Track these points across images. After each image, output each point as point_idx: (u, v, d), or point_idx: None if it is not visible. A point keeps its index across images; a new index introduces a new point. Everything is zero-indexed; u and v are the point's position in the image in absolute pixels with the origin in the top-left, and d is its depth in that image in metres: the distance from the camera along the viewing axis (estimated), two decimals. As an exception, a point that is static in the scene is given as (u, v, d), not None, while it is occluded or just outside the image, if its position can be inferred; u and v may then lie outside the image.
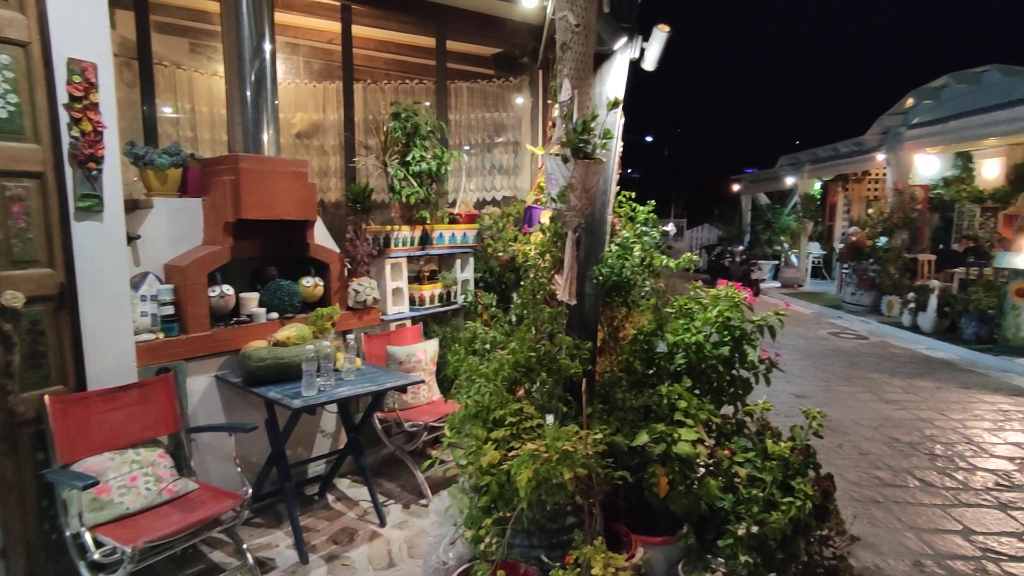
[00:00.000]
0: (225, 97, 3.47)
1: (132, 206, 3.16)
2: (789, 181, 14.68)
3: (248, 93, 3.38)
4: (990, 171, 11.25)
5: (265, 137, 3.49)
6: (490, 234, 5.00)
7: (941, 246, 11.24)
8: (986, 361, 7.10)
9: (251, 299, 3.46)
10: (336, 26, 4.95)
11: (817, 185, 14.91)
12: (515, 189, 5.94)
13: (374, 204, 4.89)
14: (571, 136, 2.20)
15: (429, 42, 5.43)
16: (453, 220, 4.81)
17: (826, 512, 2.47)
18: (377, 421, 3.74)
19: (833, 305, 11.03)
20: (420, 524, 3.28)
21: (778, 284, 14.33)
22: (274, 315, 3.51)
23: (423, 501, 3.53)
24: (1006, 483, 3.97)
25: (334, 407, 3.63)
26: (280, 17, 4.75)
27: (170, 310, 3.06)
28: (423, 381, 3.68)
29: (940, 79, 9.10)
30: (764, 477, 2.32)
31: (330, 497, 3.63)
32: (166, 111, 4.78)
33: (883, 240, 10.01)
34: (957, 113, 9.00)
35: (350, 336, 3.82)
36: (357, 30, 5.11)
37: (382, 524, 3.27)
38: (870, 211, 11.58)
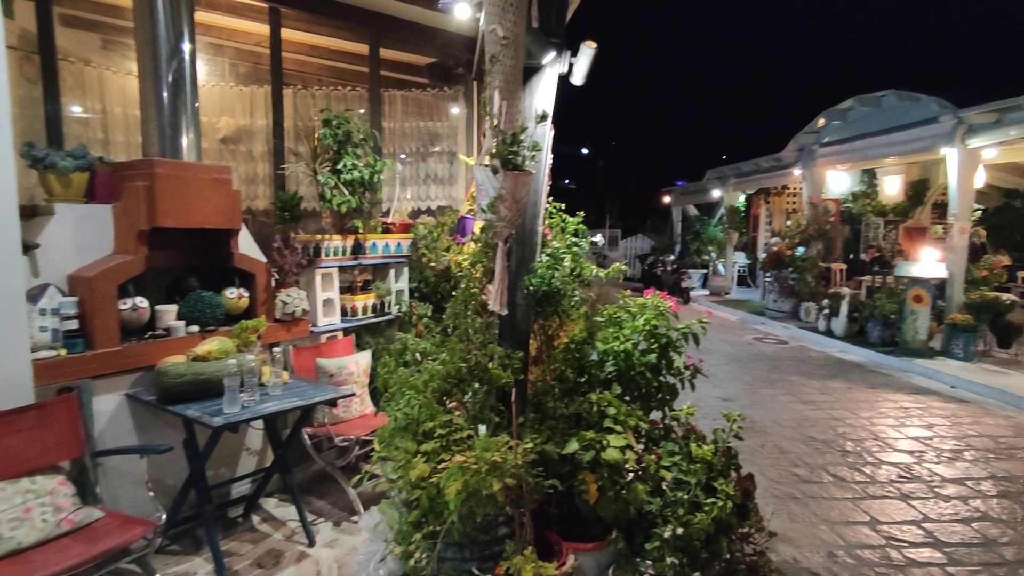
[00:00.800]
0: (139, 98, 3.28)
1: (30, 212, 2.93)
2: (716, 193, 15.41)
3: (165, 95, 3.21)
4: (891, 187, 12.27)
5: (184, 141, 3.32)
6: (425, 244, 4.96)
7: (851, 256, 12.11)
8: (889, 362, 7.68)
9: (168, 312, 3.27)
10: (264, 28, 4.80)
11: (741, 198, 15.74)
12: (450, 199, 5.93)
13: (305, 213, 4.75)
14: (500, 148, 2.22)
15: (362, 49, 5.36)
16: (387, 229, 4.73)
17: (747, 510, 2.58)
18: (306, 437, 3.60)
19: (757, 312, 11.62)
20: (351, 542, 3.18)
21: (707, 292, 14.97)
22: (194, 328, 3.33)
23: (355, 518, 3.42)
24: (907, 475, 4.29)
25: (260, 423, 3.47)
26: (202, 16, 4.56)
27: (74, 324, 2.83)
28: (354, 394, 3.59)
29: (847, 101, 9.84)
30: (689, 480, 2.40)
31: (255, 518, 3.46)
32: (75, 111, 4.46)
33: (801, 250, 10.67)
34: (861, 134, 9.75)
35: (277, 349, 3.67)
36: (287, 34, 4.97)
37: (311, 544, 3.15)
38: (788, 223, 12.32)
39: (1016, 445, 4.90)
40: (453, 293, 2.67)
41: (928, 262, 7.70)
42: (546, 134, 2.65)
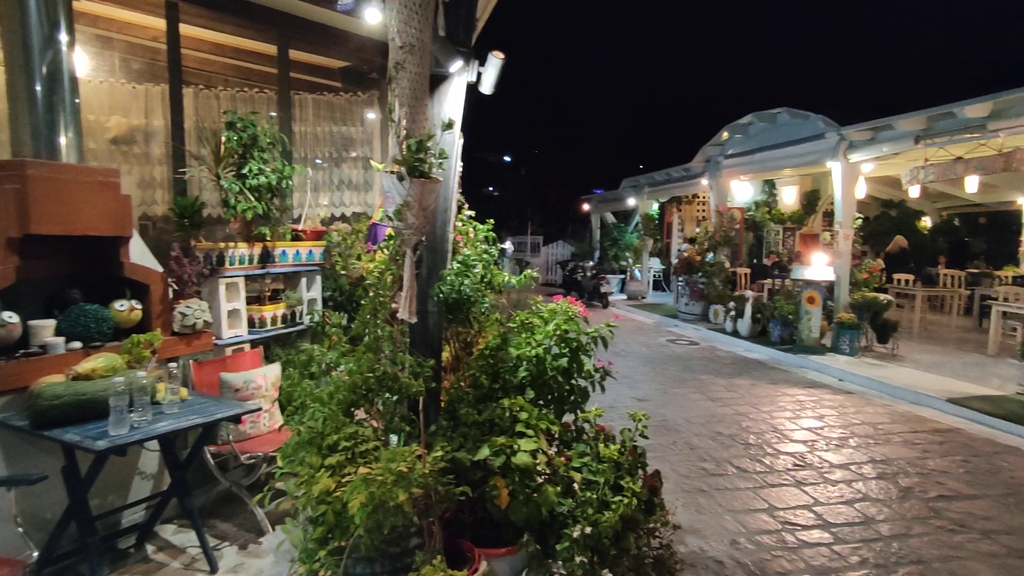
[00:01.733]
0: (7, 92, 2.98)
1: None
2: (631, 202, 16.04)
3: (38, 89, 2.94)
4: (788, 197, 13.26)
5: (63, 140, 3.05)
6: (339, 251, 4.83)
7: (755, 260, 12.98)
8: (788, 359, 8.28)
9: (45, 327, 2.98)
10: (160, 23, 4.51)
11: (655, 206, 16.46)
12: (365, 205, 5.81)
13: (208, 220, 4.49)
14: (406, 155, 2.21)
15: (270, 50, 5.16)
16: (297, 237, 4.56)
17: (653, 506, 2.69)
18: (209, 456, 3.39)
19: (670, 315, 12.17)
20: (258, 565, 3.02)
21: (625, 296, 15.51)
22: (77, 344, 3.05)
23: (261, 540, 3.26)
24: (801, 463, 4.63)
25: (155, 445, 3.23)
26: (85, 5, 4.23)
27: (-73, 344, 2.53)
28: (261, 408, 3.42)
29: (747, 117, 10.55)
30: (598, 479, 2.47)
31: (150, 548, 3.21)
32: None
33: (709, 256, 11.29)
34: (760, 147, 10.49)
35: (174, 364, 3.44)
36: (187, 30, 4.70)
37: (213, 571, 2.96)
38: (698, 230, 13.03)
39: (892, 431, 5.42)
40: (362, 302, 2.62)
41: (819, 266, 8.38)
42: (455, 142, 2.67)
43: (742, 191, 13.55)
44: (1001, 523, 3.67)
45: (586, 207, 19.09)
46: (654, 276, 16.94)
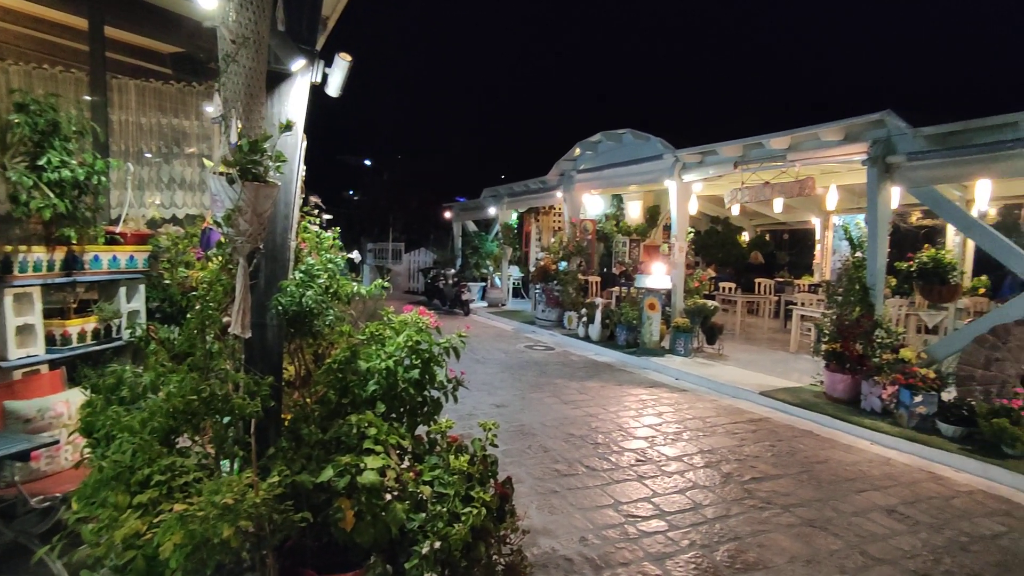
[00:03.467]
0: None
1: None
2: (492, 211, 16.39)
3: None
4: (634, 211, 14.43)
5: None
6: (168, 257, 4.32)
7: (605, 269, 13.89)
8: (633, 361, 8.96)
9: None
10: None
11: (514, 215, 16.98)
12: (202, 207, 5.27)
13: (-7, 217, 3.77)
14: (238, 156, 2.03)
15: (80, 23, 4.49)
16: (114, 240, 4.01)
17: (504, 514, 2.73)
18: (-13, 503, 2.83)
19: (528, 321, 12.60)
20: (53, 627, 2.57)
21: (486, 304, 15.77)
22: None
23: (60, 595, 2.78)
24: (642, 458, 5.01)
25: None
26: None
27: None
28: (58, 442, 2.93)
29: (596, 135, 11.30)
30: (448, 492, 2.45)
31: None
32: None
33: (563, 264, 11.88)
34: (608, 164, 11.29)
35: (-62, 394, 2.83)
36: (-38, -10, 3.93)
37: (-10, 641, 2.46)
38: (553, 240, 13.66)
39: (717, 423, 6.08)
40: (188, 315, 2.35)
41: (658, 275, 9.20)
42: (297, 144, 2.51)
43: (594, 204, 14.49)
44: (797, 497, 4.28)
45: (448, 215, 19.14)
46: (514, 284, 17.46)
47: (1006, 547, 3.65)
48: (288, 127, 2.19)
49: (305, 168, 2.65)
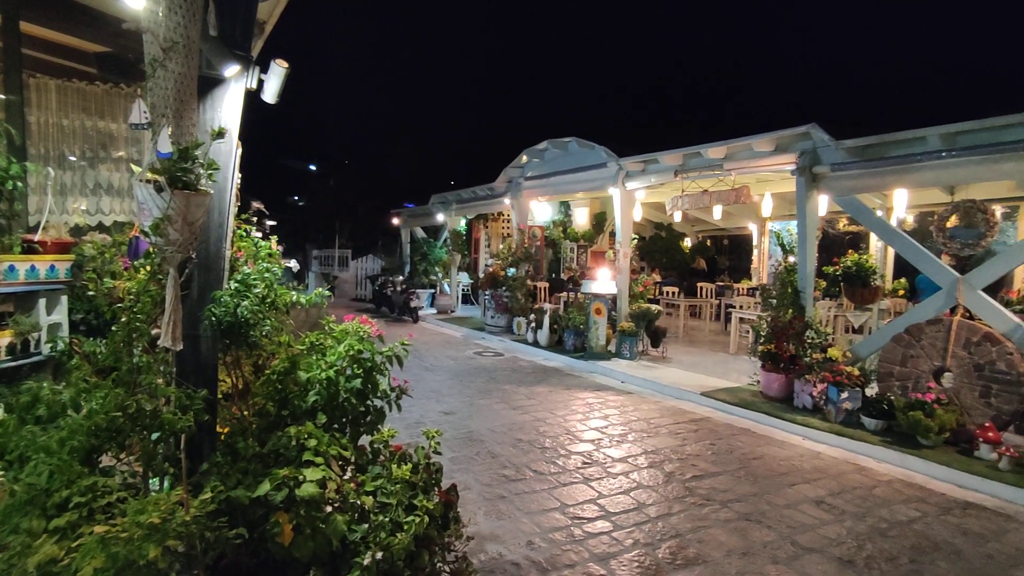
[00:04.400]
0: None
1: None
2: (440, 217, 16.32)
3: None
4: (581, 217, 14.68)
5: None
6: (94, 267, 4.11)
7: (553, 275, 14.07)
8: (580, 366, 9.11)
9: None
10: None
11: (463, 222, 16.98)
12: (131, 214, 5.04)
13: None
14: (166, 163, 1.97)
15: (-8, 18, 4.22)
16: (32, 249, 3.78)
17: (448, 521, 2.73)
18: None
19: (478, 327, 12.60)
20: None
21: (435, 311, 15.67)
22: None
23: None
24: (588, 461, 5.10)
25: None
26: None
27: None
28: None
29: (542, 143, 11.46)
30: (391, 501, 2.44)
31: None
32: None
33: (512, 271, 11.96)
34: (555, 171, 11.46)
35: None
36: None
37: None
38: (502, 246, 13.74)
39: (661, 424, 6.26)
40: (113, 327, 2.25)
41: (604, 280, 9.40)
42: (232, 151, 2.45)
43: (541, 211, 14.66)
44: (734, 493, 4.46)
45: (396, 221, 18.93)
46: (463, 290, 17.43)
47: (920, 531, 3.92)
48: (221, 134, 2.13)
49: (241, 175, 2.59)
